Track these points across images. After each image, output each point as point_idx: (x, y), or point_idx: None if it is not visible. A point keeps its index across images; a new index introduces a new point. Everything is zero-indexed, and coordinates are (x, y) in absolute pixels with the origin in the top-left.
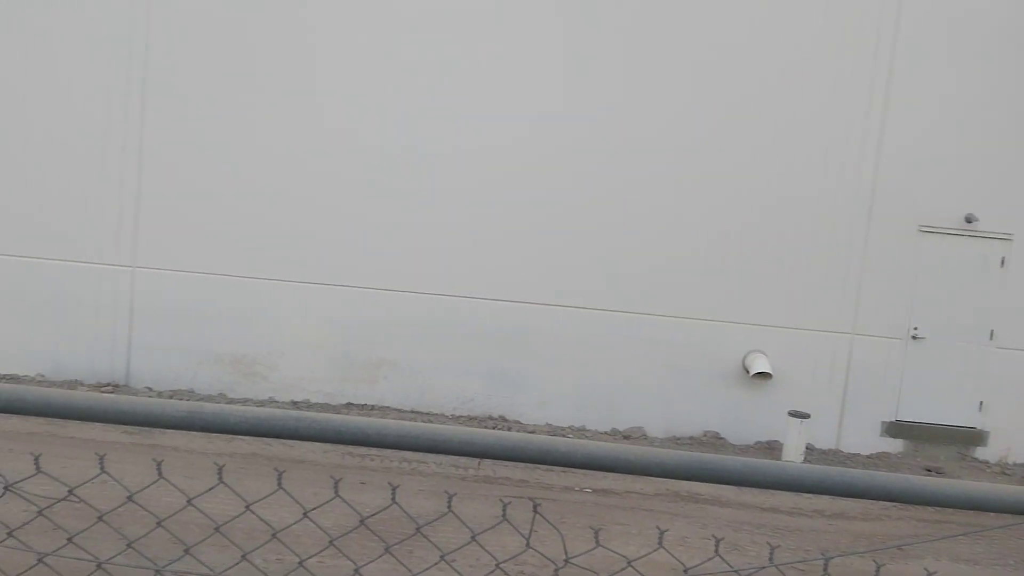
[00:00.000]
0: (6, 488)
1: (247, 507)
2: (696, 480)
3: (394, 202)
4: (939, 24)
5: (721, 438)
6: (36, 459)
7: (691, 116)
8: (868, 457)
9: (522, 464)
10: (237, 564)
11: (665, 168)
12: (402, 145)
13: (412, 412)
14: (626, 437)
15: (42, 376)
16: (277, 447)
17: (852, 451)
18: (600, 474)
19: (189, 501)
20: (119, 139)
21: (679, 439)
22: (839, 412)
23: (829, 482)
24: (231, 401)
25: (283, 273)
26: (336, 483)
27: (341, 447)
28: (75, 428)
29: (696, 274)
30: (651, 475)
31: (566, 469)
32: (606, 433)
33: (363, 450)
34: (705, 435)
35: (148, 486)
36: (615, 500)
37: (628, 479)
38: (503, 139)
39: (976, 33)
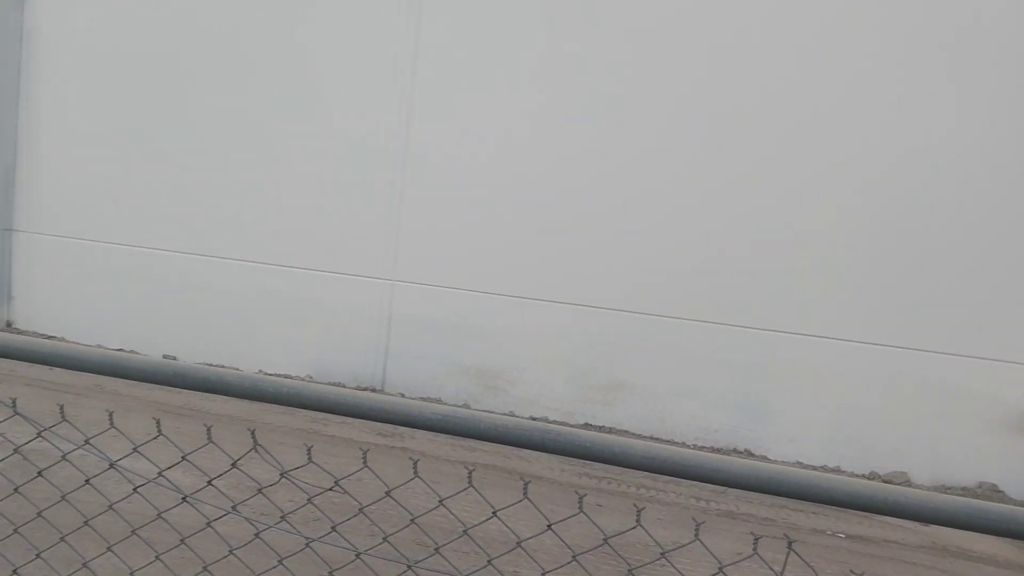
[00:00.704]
0: (282, 475)
1: (494, 512)
2: (982, 532)
3: (643, 225)
4: None
5: (999, 491)
6: (308, 450)
7: None
8: None
9: (768, 500)
10: (483, 568)
11: (955, 196)
12: (654, 165)
13: (650, 439)
14: (886, 482)
15: (310, 377)
16: (515, 460)
17: None
18: (856, 518)
19: (441, 502)
20: (387, 164)
21: (948, 488)
22: None
23: None
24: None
25: (527, 290)
26: (581, 499)
27: (577, 467)
28: (336, 427)
29: (975, 308)
30: (925, 521)
31: (817, 510)
32: (863, 476)
33: (600, 472)
34: (980, 486)
35: (405, 483)
36: (872, 549)
37: (887, 527)
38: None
39: None
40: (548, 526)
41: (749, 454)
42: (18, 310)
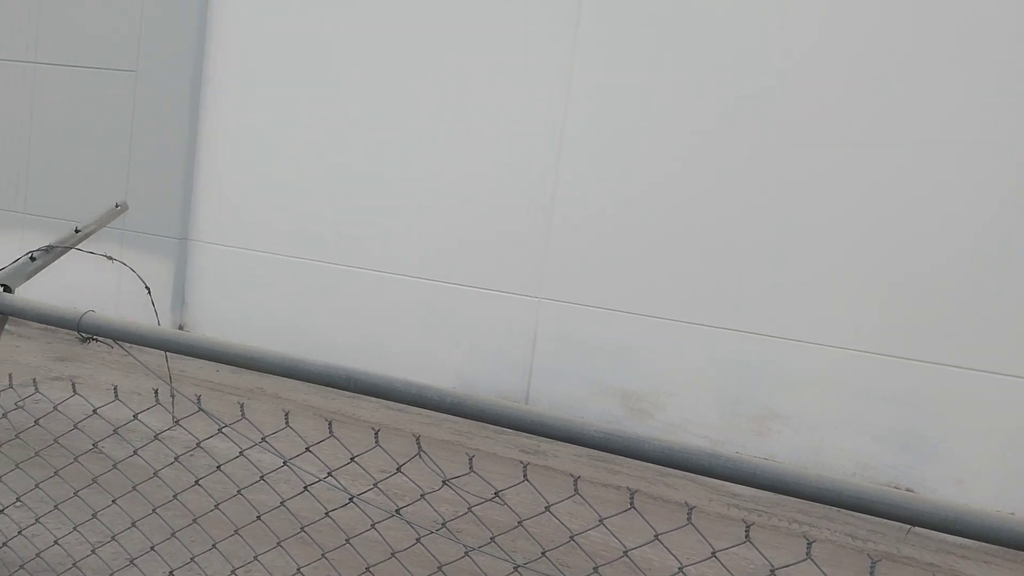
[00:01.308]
0: (444, 482)
1: (656, 536)
2: None
3: (806, 253)
4: None
5: None
6: (470, 460)
7: None
8: None
9: (933, 544)
10: None
11: None
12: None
13: None
14: None
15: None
16: (660, 487)
17: None
18: None
19: (602, 521)
20: (537, 183)
21: None
22: None
23: None
24: None
25: (676, 313)
26: (747, 528)
27: (726, 497)
28: (479, 441)
29: None
30: None
31: (988, 558)
32: None
33: (750, 503)
34: None
35: (563, 499)
36: None
37: None
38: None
39: None
40: (712, 553)
41: (910, 493)
42: (190, 315)
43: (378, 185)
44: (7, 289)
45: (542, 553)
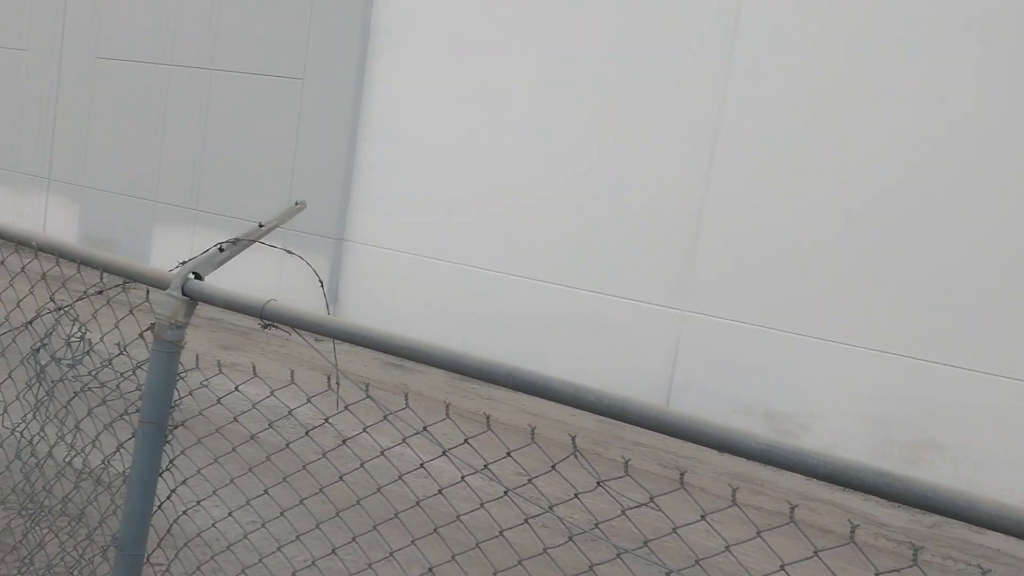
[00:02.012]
0: (599, 483)
1: (816, 553)
2: None
3: (968, 272)
4: None
5: None
6: (625, 464)
7: None
8: None
9: None
10: None
11: None
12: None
13: None
14: None
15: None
16: (803, 511)
17: None
18: None
19: (759, 534)
20: (686, 192)
21: None
22: None
23: None
24: None
25: (831, 333)
26: (916, 551)
27: (873, 526)
28: (615, 451)
29: None
30: None
31: None
32: None
33: (902, 534)
34: None
35: (692, 523)
36: None
37: None
38: None
39: None
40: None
41: None
42: (343, 312)
43: (528, 192)
44: (198, 277)
45: (696, 561)
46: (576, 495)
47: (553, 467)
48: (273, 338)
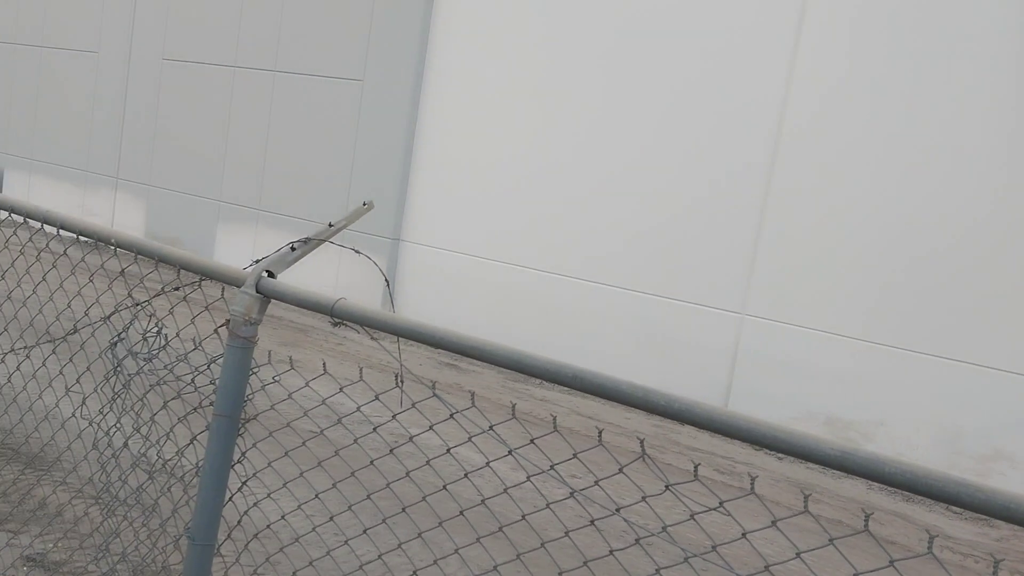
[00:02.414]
0: (667, 487)
1: (891, 563)
2: None
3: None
4: None
5: None
6: (695, 467)
7: None
8: None
9: None
10: None
11: None
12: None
13: None
14: None
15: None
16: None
17: None
18: None
19: (831, 540)
20: (747, 195)
21: None
22: None
23: None
24: None
25: (898, 339)
26: (997, 564)
27: (940, 539)
28: (671, 457)
29: None
30: None
31: None
32: None
33: (968, 547)
34: None
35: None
36: None
37: None
38: None
39: None
40: None
41: None
42: (397, 308)
43: (585, 194)
44: (271, 275)
45: (765, 567)
46: (644, 498)
47: (621, 470)
48: (331, 335)
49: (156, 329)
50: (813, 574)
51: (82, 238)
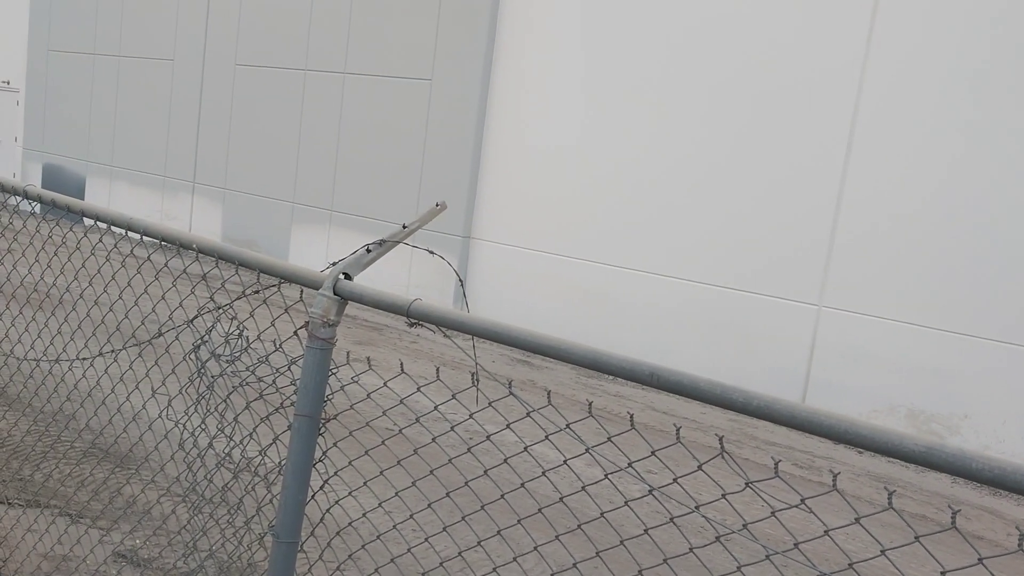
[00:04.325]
0: (747, 484)
1: (980, 560)
2: None
3: None
4: None
5: None
6: (776, 464)
7: None
8: None
9: None
10: None
11: None
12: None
13: None
14: None
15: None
16: (946, 515)
17: None
18: None
19: (917, 538)
20: (822, 185)
21: None
22: None
23: None
24: None
25: (981, 328)
26: None
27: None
28: (749, 451)
29: None
30: None
31: None
32: None
33: None
34: None
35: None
36: None
37: None
38: None
39: None
40: None
41: None
42: (470, 305)
43: (657, 188)
44: (347, 277)
45: (849, 565)
46: (724, 495)
47: (700, 467)
48: (405, 334)
49: (238, 332)
50: (899, 572)
51: (164, 243)
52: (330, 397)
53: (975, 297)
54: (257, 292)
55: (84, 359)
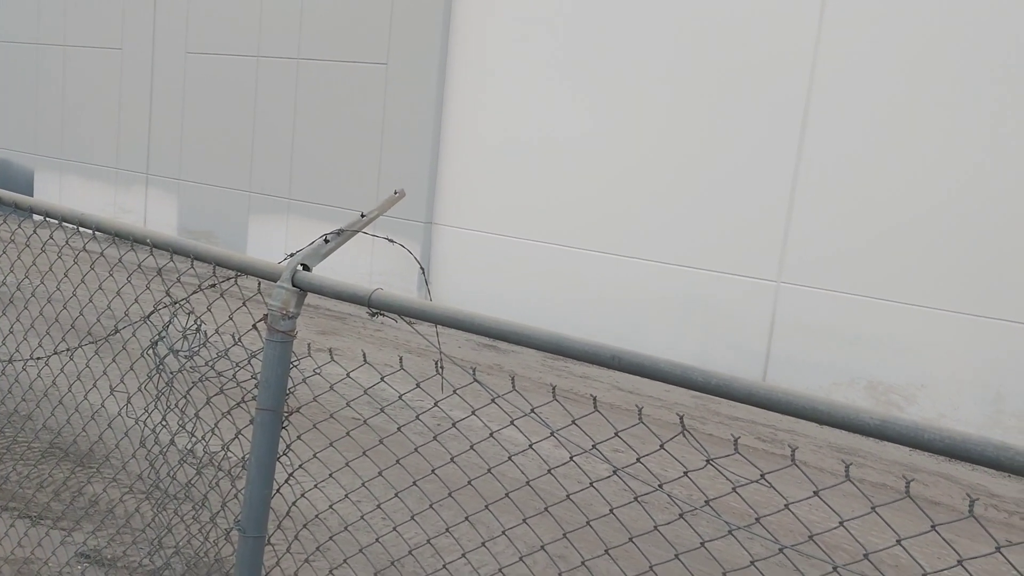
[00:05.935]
0: (708, 460)
1: (933, 527)
2: None
3: None
4: None
5: None
6: (735, 440)
7: None
8: None
9: None
10: None
11: None
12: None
13: None
14: None
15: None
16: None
17: None
18: None
19: (874, 509)
20: (778, 163)
21: None
22: None
23: None
24: None
25: (935, 300)
26: None
27: (985, 497)
28: (713, 427)
29: None
30: None
31: None
32: None
33: (1014, 505)
34: None
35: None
36: None
37: None
38: None
39: None
40: (959, 562)
41: None
42: (433, 291)
43: (616, 169)
44: (306, 268)
45: (809, 537)
46: (686, 473)
47: (662, 446)
48: (368, 323)
49: (196, 326)
50: (858, 542)
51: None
52: (292, 390)
53: (929, 269)
54: (213, 286)
55: (39, 359)
